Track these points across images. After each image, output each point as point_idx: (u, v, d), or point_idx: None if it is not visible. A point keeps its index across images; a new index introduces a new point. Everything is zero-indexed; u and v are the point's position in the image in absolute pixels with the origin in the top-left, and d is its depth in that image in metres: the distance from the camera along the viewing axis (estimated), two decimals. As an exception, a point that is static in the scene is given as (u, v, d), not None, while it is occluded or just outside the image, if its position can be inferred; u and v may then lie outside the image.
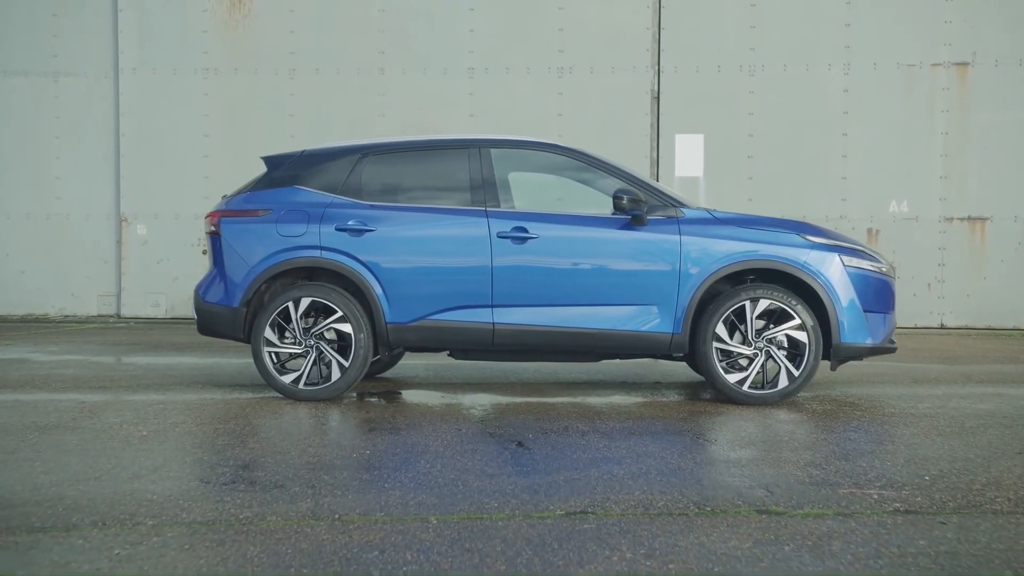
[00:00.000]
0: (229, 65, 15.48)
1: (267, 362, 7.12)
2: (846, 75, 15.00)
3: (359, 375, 7.13)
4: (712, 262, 6.87)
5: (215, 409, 6.71)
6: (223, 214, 7.34)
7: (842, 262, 6.86)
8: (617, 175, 7.21)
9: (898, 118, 14.88)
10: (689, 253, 6.89)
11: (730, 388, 6.88)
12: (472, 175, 7.20)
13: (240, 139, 15.32)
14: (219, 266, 7.30)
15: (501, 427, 5.99)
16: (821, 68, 15.01)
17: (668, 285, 6.90)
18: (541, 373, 8.57)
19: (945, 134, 14.86)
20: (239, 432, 5.83)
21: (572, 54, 15.27)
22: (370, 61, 15.34)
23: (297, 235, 7.16)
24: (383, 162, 7.38)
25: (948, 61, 14.91)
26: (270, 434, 5.79)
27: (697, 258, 6.88)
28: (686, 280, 6.88)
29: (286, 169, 7.43)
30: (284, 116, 15.35)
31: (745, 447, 5.37)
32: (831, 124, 15.01)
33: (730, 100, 15.15)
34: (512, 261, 6.99)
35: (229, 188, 15.51)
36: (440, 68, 15.30)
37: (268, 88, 15.43)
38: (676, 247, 6.90)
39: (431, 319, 7.07)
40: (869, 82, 14.96)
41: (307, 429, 5.99)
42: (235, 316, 7.20)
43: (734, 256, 6.86)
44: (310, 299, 7.11)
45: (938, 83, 14.88)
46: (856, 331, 6.83)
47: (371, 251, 7.08)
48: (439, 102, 15.33)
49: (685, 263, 6.89)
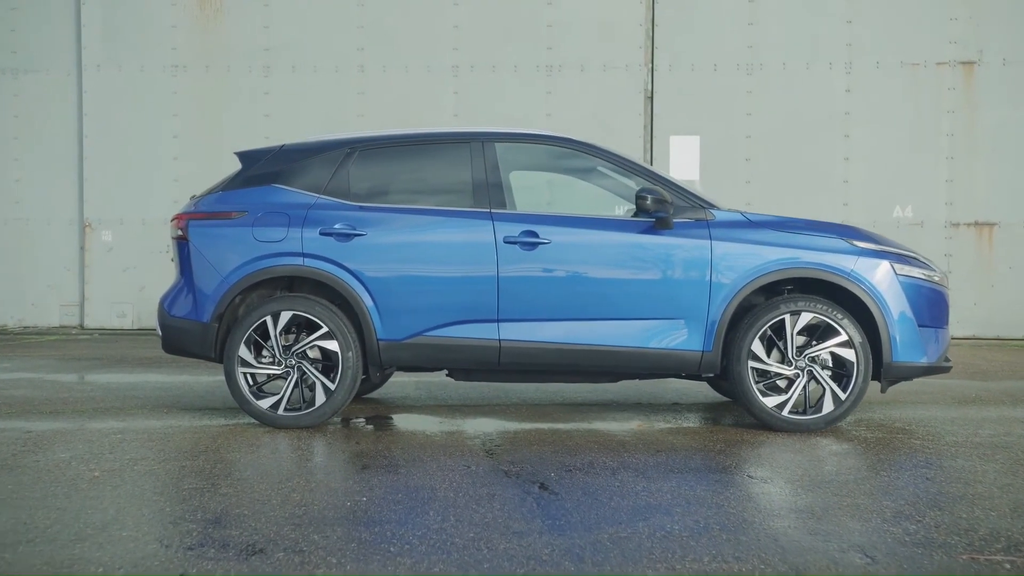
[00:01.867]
0: (200, 62, 14.63)
1: (242, 385, 6.26)
2: (848, 74, 14.34)
3: (347, 399, 6.29)
4: (747, 271, 6.07)
5: (182, 440, 5.85)
6: (191, 216, 6.48)
7: (893, 270, 6.08)
8: (640, 173, 6.42)
9: (902, 119, 14.21)
10: (721, 260, 6.10)
11: (768, 413, 6.08)
12: (474, 172, 6.39)
13: (212, 140, 14.47)
14: (187, 275, 6.43)
15: (516, 463, 5.17)
16: (822, 67, 14.34)
17: (697, 297, 6.10)
18: (544, 393, 7.75)
19: (951, 136, 14.21)
20: (209, 472, 4.98)
21: (562, 51, 14.53)
22: (349, 58, 14.55)
23: (276, 240, 6.31)
24: (374, 158, 6.54)
25: (954, 60, 14.26)
26: (246, 473, 4.94)
27: (730, 266, 6.09)
28: (718, 291, 6.09)
29: (263, 166, 6.58)
30: (258, 116, 14.51)
31: (809, 490, 4.57)
32: (832, 125, 14.34)
33: (727, 100, 14.45)
34: (521, 270, 6.18)
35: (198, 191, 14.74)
36: (423, 65, 14.53)
37: (241, 87, 14.59)
38: (706, 254, 6.11)
39: (428, 335, 6.24)
40: (872, 82, 14.30)
41: (289, 467, 5.14)
42: (205, 332, 6.34)
43: (772, 264, 6.07)
44: (291, 313, 6.26)
45: (943, 83, 14.23)
46: (910, 348, 6.05)
47: (361, 258, 6.25)
48: (422, 101, 14.55)
49: (717, 272, 6.09)
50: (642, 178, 6.37)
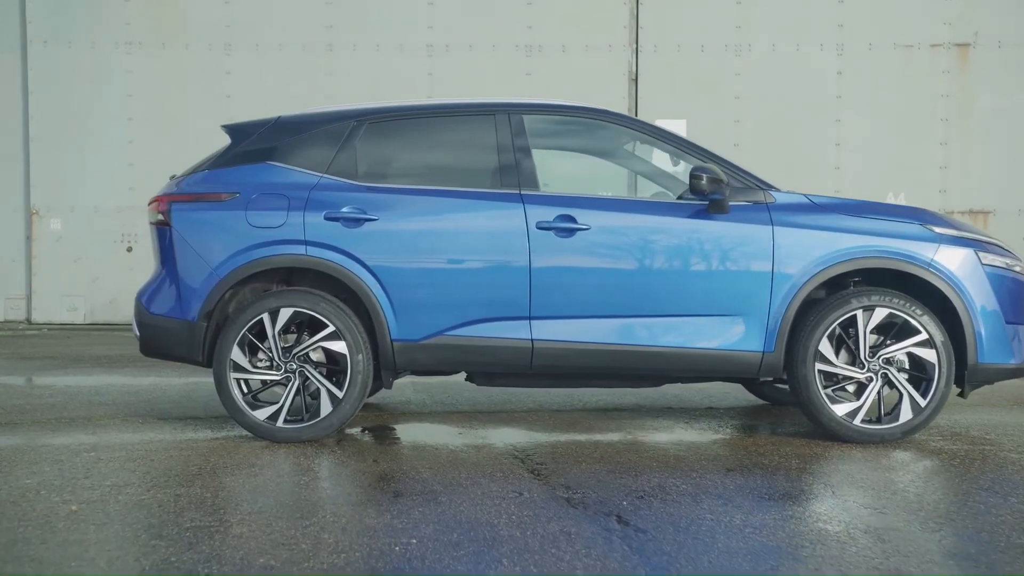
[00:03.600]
0: (156, 39, 13.65)
1: (235, 393, 5.42)
2: (839, 56, 13.76)
3: (356, 409, 5.48)
4: (814, 260, 5.35)
5: (168, 459, 5.00)
6: (174, 198, 5.61)
7: (978, 259, 5.39)
8: (689, 150, 5.68)
9: (895, 103, 13.67)
10: (785, 249, 5.37)
11: (838, 423, 5.36)
12: (501, 149, 5.59)
13: (170, 122, 13.51)
14: (169, 267, 5.57)
15: (572, 487, 4.40)
16: (812, 48, 13.74)
17: (758, 290, 5.37)
18: (560, 397, 6.97)
19: (945, 121, 13.71)
20: (212, 503, 4.15)
21: (542, 31, 13.80)
22: (317, 36, 13.67)
23: (274, 226, 5.47)
24: (384, 132, 5.72)
25: (948, 42, 13.74)
26: (257, 505, 4.12)
27: (795, 255, 5.36)
28: (781, 283, 5.36)
29: (256, 140, 5.72)
30: (220, 97, 13.56)
31: (940, 523, 3.85)
32: (823, 109, 13.76)
33: (715, 83, 13.80)
34: (556, 260, 5.40)
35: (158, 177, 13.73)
36: (395, 44, 13.72)
37: (201, 65, 13.64)
38: (768, 241, 5.37)
39: (450, 335, 5.44)
40: (864, 64, 13.75)
41: (307, 495, 4.33)
42: (192, 332, 5.48)
43: (842, 253, 5.35)
44: (292, 310, 5.42)
45: (938, 65, 13.70)
46: (997, 348, 5.37)
47: (372, 247, 5.43)
48: (394, 82, 13.72)
49: (780, 262, 5.36)
50: (692, 156, 5.63)
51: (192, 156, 12.34)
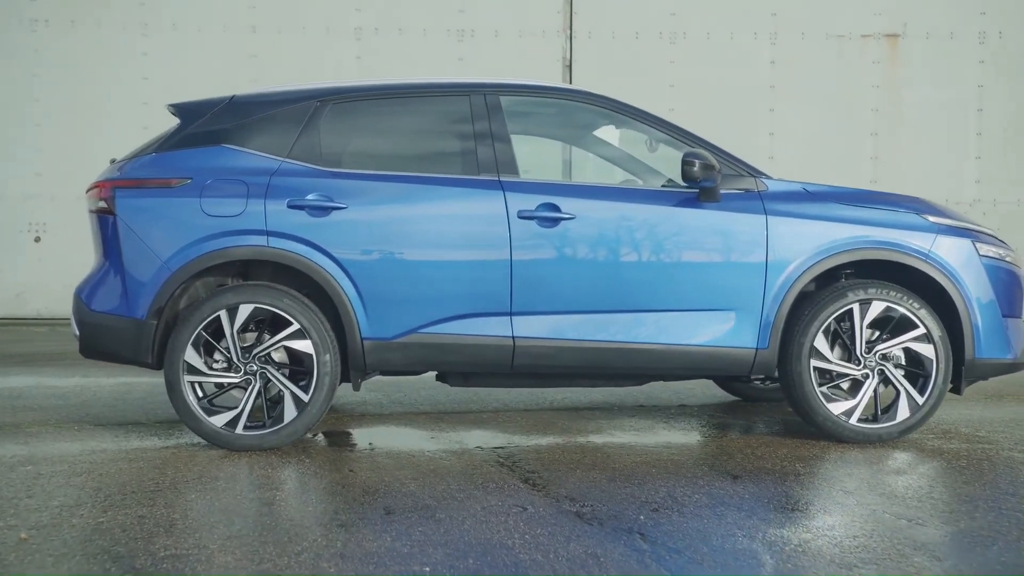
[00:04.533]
0: (64, 16, 12.89)
1: (189, 398, 4.94)
2: (773, 45, 13.67)
3: (322, 413, 5.04)
4: (810, 252, 5.09)
5: (118, 473, 4.51)
6: (119, 184, 5.09)
7: (976, 250, 5.19)
8: (679, 135, 5.38)
9: (828, 93, 13.63)
10: (779, 239, 5.09)
11: (833, 422, 5.10)
12: (478, 132, 5.20)
13: (81, 106, 12.76)
14: (113, 260, 5.05)
15: (577, 499, 4.05)
16: (747, 37, 13.62)
17: (751, 283, 5.09)
18: (524, 395, 6.59)
19: (876, 111, 13.72)
20: (182, 526, 3.69)
21: (474, 15, 13.42)
22: (239, 17, 13.06)
23: (232, 214, 4.99)
24: (351, 113, 5.28)
25: (879, 33, 13.75)
26: (235, 528, 3.68)
27: (790, 246, 5.09)
28: (775, 276, 5.08)
29: (209, 121, 5.23)
30: (136, 79, 12.86)
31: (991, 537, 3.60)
32: (757, 99, 13.64)
33: (649, 71, 13.58)
34: (539, 252, 5.04)
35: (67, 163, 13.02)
36: (322, 27, 13.19)
37: (115, 46, 12.91)
38: (761, 231, 5.09)
39: (425, 333, 5.04)
40: (797, 54, 13.68)
41: (289, 514, 3.90)
42: (140, 332, 4.98)
43: (839, 244, 5.10)
44: (252, 306, 4.96)
45: (868, 56, 13.71)
46: (995, 343, 5.17)
47: (341, 237, 5.00)
48: (321, 66, 13.19)
49: (774, 253, 5.08)
50: (682, 141, 5.34)
51: (107, 141, 11.73)
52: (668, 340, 5.08)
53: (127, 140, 8.12)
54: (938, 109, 13.64)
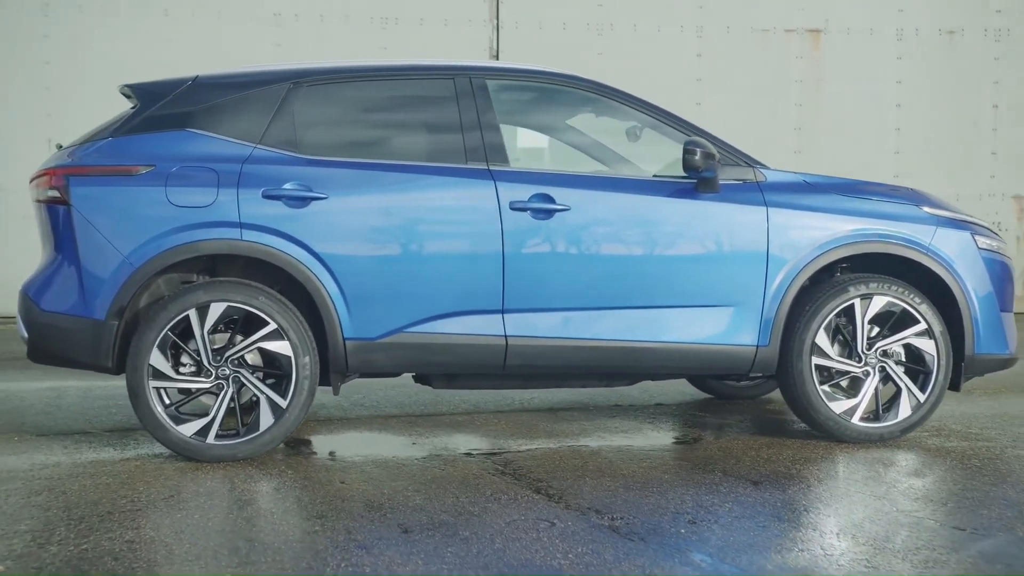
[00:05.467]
0: (-39, -4, 12.10)
1: (154, 405, 4.51)
2: (699, 38, 13.63)
3: (300, 419, 4.67)
4: (811, 245, 4.90)
5: (82, 491, 4.07)
6: (73, 171, 4.61)
7: (975, 243, 5.07)
8: (675, 123, 5.15)
9: (753, 87, 13.64)
10: (780, 233, 4.90)
11: (835, 422, 4.93)
12: (465, 118, 4.88)
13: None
14: (67, 254, 4.58)
15: (603, 510, 3.78)
16: (673, 29, 13.56)
17: (752, 278, 4.88)
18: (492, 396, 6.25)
19: (799, 106, 13.79)
20: (182, 554, 3.30)
21: (399, 1, 13.06)
22: None
23: (202, 205, 4.58)
24: (328, 96, 4.90)
25: (802, 27, 13.82)
26: (243, 553, 3.30)
27: (791, 239, 4.90)
28: (776, 270, 4.88)
29: (172, 104, 4.79)
30: (37, 64, 12.13)
31: None
32: (684, 92, 13.56)
33: (577, 62, 13.24)
34: (533, 245, 4.75)
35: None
36: (239, 12, 12.66)
37: (13, 27, 12.16)
38: (762, 224, 4.89)
39: (412, 332, 4.70)
40: (723, 47, 13.67)
41: (298, 536, 3.53)
42: (99, 334, 4.53)
43: (840, 237, 4.92)
44: (224, 304, 4.55)
45: (792, 50, 13.78)
46: (994, 338, 5.07)
47: (322, 230, 4.62)
48: (238, 53, 12.57)
49: (775, 246, 4.89)
50: (676, 128, 5.11)
51: (3, 128, 11.09)
52: (667, 338, 4.84)
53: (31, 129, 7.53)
54: (859, 104, 13.76)
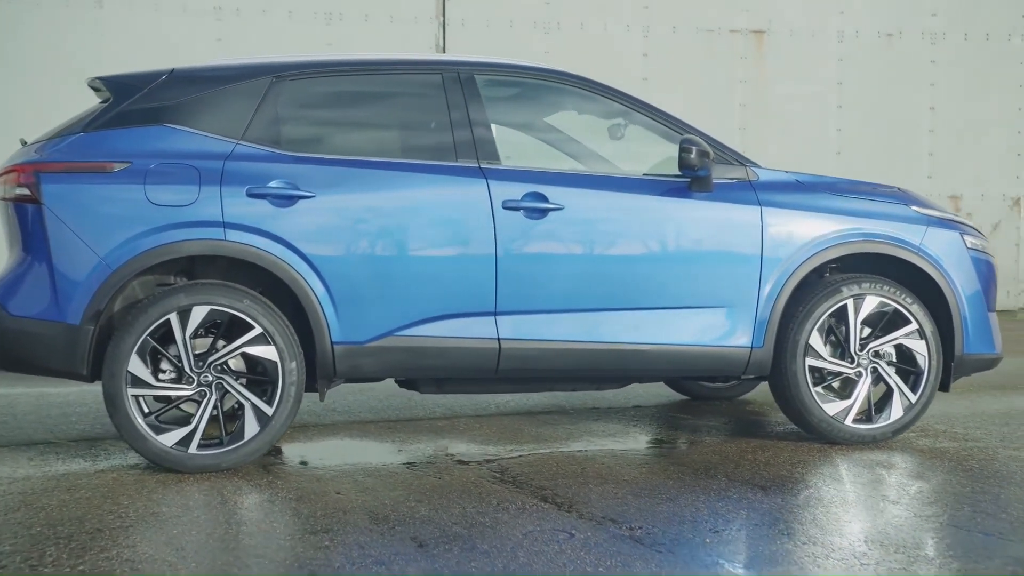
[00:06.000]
0: None
1: (133, 414, 4.28)
2: (645, 38, 13.63)
3: (286, 426, 4.48)
4: (806, 245, 4.85)
5: (62, 506, 3.84)
6: (43, 167, 4.36)
7: (964, 243, 5.07)
8: (668, 122, 5.08)
9: (698, 87, 13.68)
10: (774, 232, 4.83)
11: (829, 423, 4.88)
12: (454, 114, 4.74)
13: None
14: (38, 256, 4.33)
15: (618, 519, 3.66)
16: (620, 28, 13.54)
17: (747, 279, 4.81)
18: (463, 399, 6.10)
19: (743, 106, 13.86)
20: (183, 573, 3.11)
21: (343, -4, 12.87)
22: (87, -10, 12.07)
23: (183, 204, 4.36)
24: (312, 91, 4.72)
25: (746, 28, 13.90)
26: (260, 568, 3.12)
27: (786, 239, 4.84)
28: (770, 271, 4.82)
29: (147, 97, 4.56)
30: (-33, 56, 11.68)
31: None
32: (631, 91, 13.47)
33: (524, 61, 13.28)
34: (526, 246, 4.63)
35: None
36: (178, 5, 12.33)
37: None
38: (757, 223, 4.83)
39: (402, 335, 4.54)
40: (669, 47, 13.69)
41: (309, 553, 3.35)
42: (73, 339, 4.28)
43: (834, 237, 4.87)
44: (208, 308, 4.34)
45: (736, 51, 13.85)
46: (982, 337, 5.07)
47: (309, 230, 4.44)
48: (176, 47, 12.26)
49: (769, 247, 4.82)
50: (669, 127, 5.04)
51: None
52: (662, 340, 4.75)
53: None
54: (802, 104, 13.88)
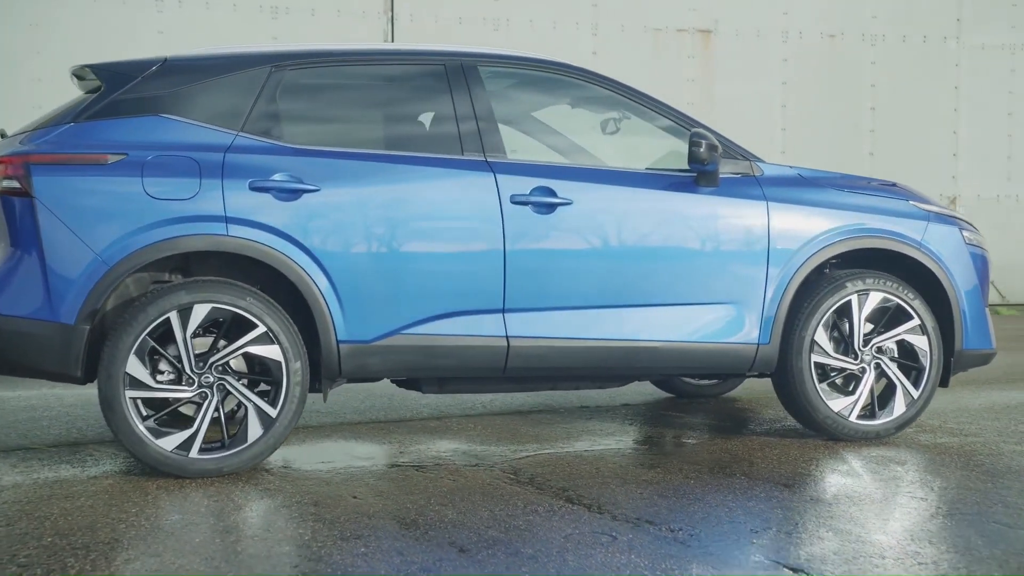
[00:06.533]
0: None
1: (131, 417, 4.08)
2: (594, 36, 13.64)
3: (290, 428, 4.31)
4: (811, 240, 4.82)
5: (66, 515, 3.63)
6: (34, 159, 4.13)
7: (963, 238, 5.09)
8: (670, 115, 5.02)
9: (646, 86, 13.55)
10: (781, 227, 4.80)
11: (834, 420, 4.86)
12: (459, 106, 4.62)
13: None
14: (28, 252, 4.09)
15: (656, 520, 3.58)
16: (568, 26, 13.52)
17: (754, 275, 4.77)
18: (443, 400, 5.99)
19: (691, 105, 13.85)
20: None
21: (290, -10, 12.63)
22: (19, -21, 11.66)
23: (184, 197, 4.17)
24: (312, 81, 4.56)
25: (693, 28, 13.99)
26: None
27: (792, 235, 4.81)
28: (776, 267, 4.78)
29: (141, 87, 4.35)
30: None
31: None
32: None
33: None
34: (535, 241, 4.52)
35: None
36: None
37: None
38: (763, 218, 4.78)
39: (408, 333, 4.40)
40: (617, 45, 13.71)
41: (349, 560, 3.20)
42: (67, 339, 4.06)
43: (837, 232, 4.85)
44: (210, 306, 4.15)
45: (684, 50, 13.93)
46: (980, 333, 5.09)
47: (314, 224, 4.27)
48: (117, 40, 11.94)
49: (776, 242, 4.78)
50: (677, 122, 5.00)
51: None
52: (671, 337, 4.68)
53: None
54: (748, 103, 14.00)
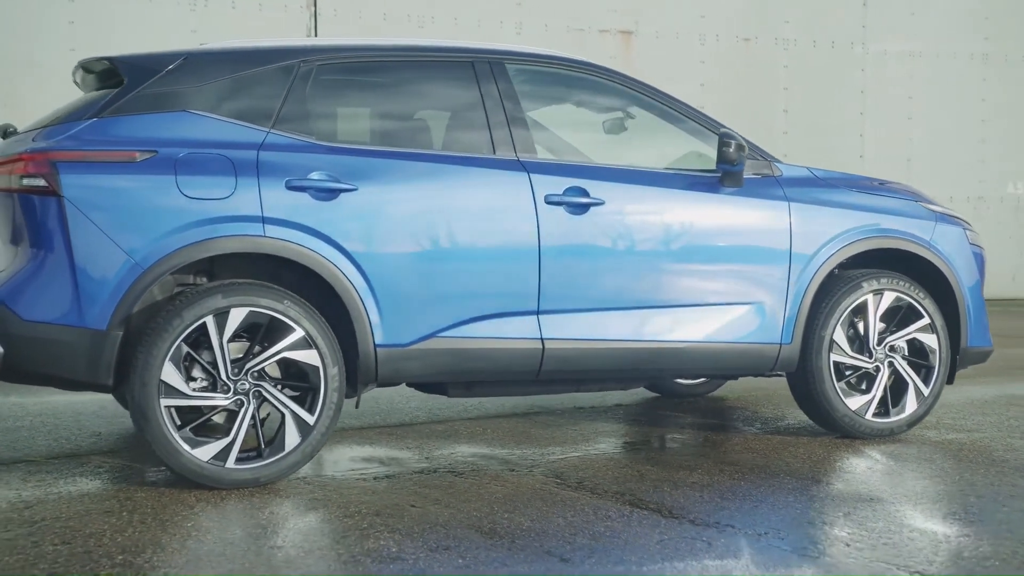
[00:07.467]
0: None
1: (166, 426, 3.88)
2: (518, 35, 13.63)
3: (327, 436, 4.16)
4: (830, 240, 4.87)
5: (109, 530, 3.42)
6: (60, 156, 3.87)
7: (967, 238, 5.23)
8: (693, 116, 5.01)
9: (570, 85, 13.75)
10: (802, 227, 4.84)
11: (851, 418, 4.92)
12: (489, 104, 4.53)
13: None
14: (55, 254, 3.84)
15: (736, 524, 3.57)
16: (492, 25, 13.50)
17: (778, 275, 4.80)
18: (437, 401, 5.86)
19: (612, 106, 14.01)
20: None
21: (211, -20, 12.32)
22: None
23: (220, 197, 3.98)
24: (343, 77, 4.41)
25: (615, 28, 14.14)
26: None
27: (812, 235, 4.86)
28: (798, 266, 4.83)
29: (166, 81, 4.14)
30: None
31: None
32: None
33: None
34: (569, 242, 4.47)
35: None
36: (30, -16, 11.49)
37: None
38: (785, 219, 4.82)
39: (445, 337, 4.30)
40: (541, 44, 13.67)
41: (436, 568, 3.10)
42: (99, 346, 3.83)
43: (854, 232, 4.92)
44: (247, 310, 3.97)
45: (606, 51, 14.01)
46: (981, 331, 5.24)
47: (352, 225, 4.13)
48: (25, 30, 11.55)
49: (797, 242, 4.83)
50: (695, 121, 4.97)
51: None
52: (700, 337, 4.69)
53: None
54: (667, 105, 14.15)
